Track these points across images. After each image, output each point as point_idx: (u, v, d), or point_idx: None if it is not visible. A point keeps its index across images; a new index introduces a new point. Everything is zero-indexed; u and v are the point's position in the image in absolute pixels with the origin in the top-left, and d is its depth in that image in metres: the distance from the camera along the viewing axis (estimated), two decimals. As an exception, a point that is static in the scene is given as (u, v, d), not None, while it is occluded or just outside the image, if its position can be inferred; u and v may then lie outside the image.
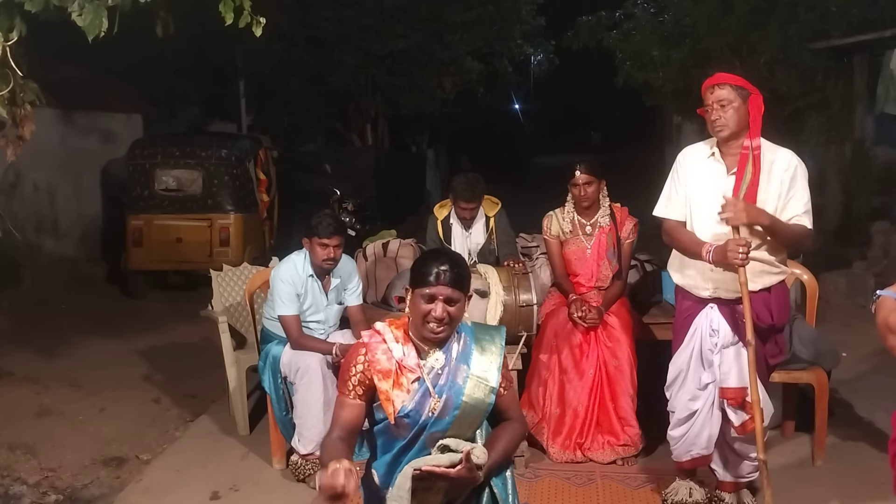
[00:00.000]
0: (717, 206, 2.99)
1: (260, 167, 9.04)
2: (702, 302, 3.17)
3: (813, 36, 8.63)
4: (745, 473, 3.29)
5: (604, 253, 4.06)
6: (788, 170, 3.03)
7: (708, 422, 3.22)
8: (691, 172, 3.18)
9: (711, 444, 3.26)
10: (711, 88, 3.03)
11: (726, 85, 3.00)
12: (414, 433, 2.16)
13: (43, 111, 4.96)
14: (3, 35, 3.18)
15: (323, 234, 3.77)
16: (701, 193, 3.12)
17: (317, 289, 3.91)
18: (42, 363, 5.92)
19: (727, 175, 3.07)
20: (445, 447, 2.11)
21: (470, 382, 2.18)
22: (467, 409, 2.16)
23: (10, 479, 3.96)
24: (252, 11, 3.48)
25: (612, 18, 11.47)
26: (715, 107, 3.01)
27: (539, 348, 4.04)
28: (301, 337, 3.82)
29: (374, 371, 2.16)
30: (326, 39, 12.57)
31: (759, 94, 3.03)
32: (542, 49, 19.24)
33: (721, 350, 3.14)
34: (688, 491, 3.39)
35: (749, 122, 3.00)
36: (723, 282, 3.06)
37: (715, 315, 3.14)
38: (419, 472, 2.04)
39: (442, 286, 2.14)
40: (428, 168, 17.67)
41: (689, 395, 3.23)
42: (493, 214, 4.54)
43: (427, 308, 2.14)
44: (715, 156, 3.12)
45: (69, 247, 9.27)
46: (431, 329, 2.15)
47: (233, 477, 3.92)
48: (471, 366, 2.20)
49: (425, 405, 2.16)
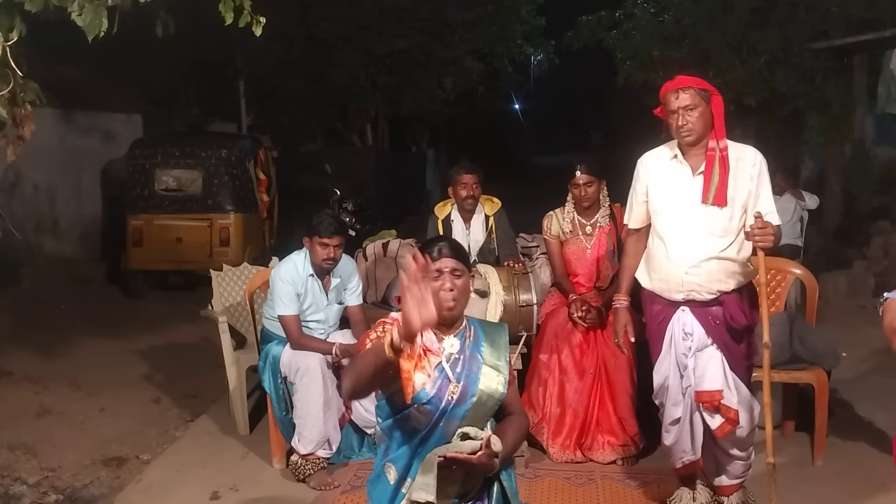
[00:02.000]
0: (683, 208, 3.01)
1: (260, 167, 9.04)
2: (673, 305, 3.12)
3: (813, 36, 8.64)
4: (739, 473, 3.24)
5: (604, 253, 4.06)
6: (755, 165, 3.01)
7: (690, 427, 3.20)
8: (654, 177, 3.16)
9: (698, 448, 3.23)
10: (675, 93, 2.98)
11: (690, 88, 2.95)
12: (434, 421, 2.18)
13: (43, 111, 4.96)
14: (3, 35, 3.18)
15: (324, 234, 3.77)
16: (666, 196, 3.10)
17: (317, 288, 3.91)
18: (42, 363, 5.92)
19: (693, 176, 3.04)
20: (465, 435, 2.15)
21: (484, 371, 2.24)
22: (483, 398, 2.21)
23: (10, 479, 3.95)
24: (252, 11, 3.48)
25: (612, 18, 11.47)
26: (680, 112, 2.97)
27: (539, 348, 4.04)
28: (301, 337, 3.82)
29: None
30: (326, 39, 12.58)
31: (719, 94, 3.02)
32: (542, 49, 19.23)
33: (695, 353, 3.09)
34: (690, 497, 3.36)
35: (714, 124, 2.98)
36: (697, 284, 3.02)
37: (688, 318, 3.09)
38: (443, 459, 2.06)
39: (445, 258, 2.23)
40: (428, 168, 17.67)
41: (672, 401, 3.21)
42: (493, 214, 4.53)
43: (437, 285, 2.21)
44: (678, 157, 3.08)
45: (69, 247, 9.27)
46: (445, 305, 2.20)
47: (233, 477, 3.92)
48: (483, 356, 2.26)
49: (444, 390, 2.19)
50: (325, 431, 3.79)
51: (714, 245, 2.99)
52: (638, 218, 3.25)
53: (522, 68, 22.61)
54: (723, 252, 2.99)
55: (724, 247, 2.99)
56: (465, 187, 4.42)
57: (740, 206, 2.98)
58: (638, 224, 3.26)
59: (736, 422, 3.06)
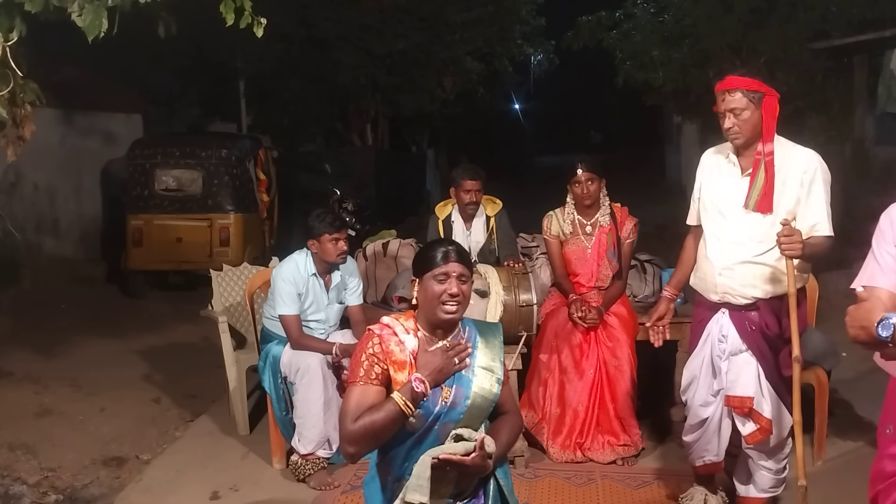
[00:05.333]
0: (727, 209, 2.97)
1: (260, 167, 9.04)
2: (713, 308, 3.09)
3: (813, 36, 8.63)
4: (767, 487, 3.19)
5: (604, 252, 4.05)
6: (808, 172, 2.90)
7: (718, 429, 3.19)
8: (707, 174, 3.14)
9: (722, 451, 3.23)
10: (723, 94, 2.91)
11: (737, 90, 2.87)
12: (428, 425, 2.18)
13: (43, 111, 4.96)
14: (3, 35, 3.18)
15: (332, 230, 3.80)
16: (714, 195, 3.08)
17: (318, 287, 3.91)
18: (42, 363, 5.92)
19: (742, 176, 2.99)
20: (459, 436, 2.15)
21: (478, 373, 2.23)
22: (477, 400, 2.21)
23: (10, 479, 3.95)
24: (252, 12, 3.48)
25: (612, 18, 11.47)
26: (727, 115, 2.90)
27: (539, 348, 4.05)
28: (301, 336, 3.83)
29: (389, 361, 2.18)
30: (326, 39, 12.58)
31: (773, 94, 2.92)
32: (542, 49, 19.25)
33: (729, 357, 3.07)
34: (703, 497, 3.35)
35: (762, 127, 2.90)
36: (731, 287, 3.00)
37: (725, 321, 3.06)
38: (437, 460, 2.07)
39: (453, 263, 2.22)
40: (428, 168, 17.68)
41: (700, 401, 3.19)
42: (494, 214, 4.53)
43: (441, 288, 2.20)
44: (730, 157, 3.04)
45: (69, 247, 9.27)
46: (447, 309, 2.20)
47: (233, 477, 3.92)
48: (477, 357, 2.26)
49: (437, 395, 2.19)
50: (325, 431, 3.79)
51: (751, 249, 2.94)
52: (694, 215, 3.22)
53: (522, 68, 22.62)
54: (759, 257, 2.93)
55: (761, 252, 2.92)
56: (467, 193, 4.42)
57: (786, 211, 2.89)
58: (694, 221, 3.22)
59: (769, 430, 3.02)
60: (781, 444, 3.10)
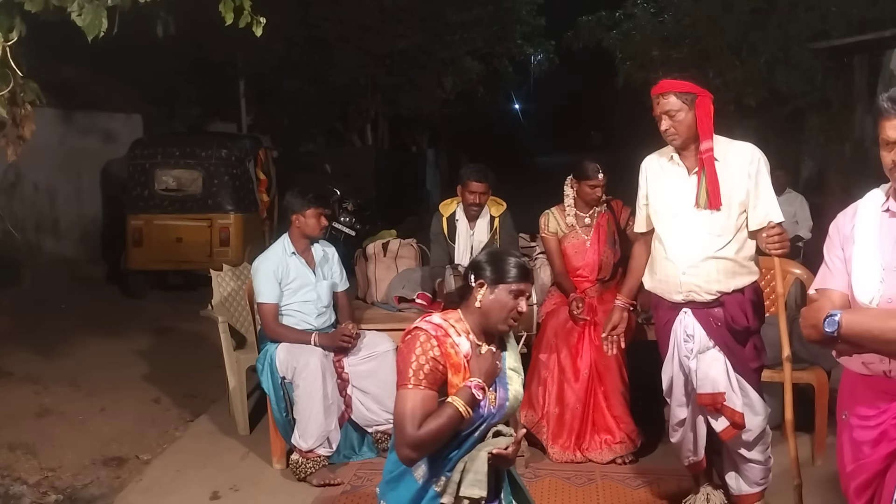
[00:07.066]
0: (680, 209, 3.00)
1: (260, 167, 9.03)
2: (675, 308, 3.10)
3: (813, 36, 8.62)
4: (758, 479, 3.21)
5: (604, 240, 4.08)
6: (752, 163, 2.95)
7: (693, 428, 3.21)
8: (653, 179, 3.15)
9: (701, 450, 3.24)
10: (657, 98, 2.95)
11: (670, 93, 2.92)
12: (475, 427, 2.22)
13: (43, 111, 4.95)
14: (3, 35, 3.18)
15: (318, 204, 3.92)
16: (663, 197, 3.09)
17: (301, 265, 3.97)
18: (42, 363, 5.92)
19: (689, 175, 3.02)
20: (498, 432, 2.25)
21: (510, 375, 2.33)
22: (514, 402, 2.32)
23: (10, 479, 3.96)
24: (252, 11, 3.48)
25: (612, 18, 11.46)
26: (663, 117, 2.95)
27: (539, 348, 4.05)
28: (278, 326, 3.86)
29: (448, 364, 2.18)
30: (326, 39, 12.58)
31: (707, 94, 2.95)
32: (542, 49, 19.23)
33: (697, 356, 3.07)
34: (705, 497, 3.36)
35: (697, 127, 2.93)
36: (696, 285, 3.00)
37: (689, 320, 3.07)
38: (491, 455, 2.15)
39: (526, 283, 2.28)
40: (428, 168, 17.67)
41: (677, 401, 3.22)
42: (499, 215, 4.54)
43: (514, 303, 2.25)
44: (674, 159, 3.07)
45: (69, 247, 9.27)
46: (512, 324, 2.27)
47: (233, 477, 3.93)
48: (506, 360, 2.35)
49: (485, 399, 2.22)
50: (325, 426, 3.78)
51: (711, 244, 2.97)
52: (642, 222, 3.24)
53: (522, 68, 22.59)
54: (720, 251, 2.96)
55: (721, 246, 2.96)
56: (472, 195, 4.42)
57: (738, 204, 2.94)
58: (643, 228, 3.25)
59: (741, 425, 3.04)
60: (762, 434, 3.14)
